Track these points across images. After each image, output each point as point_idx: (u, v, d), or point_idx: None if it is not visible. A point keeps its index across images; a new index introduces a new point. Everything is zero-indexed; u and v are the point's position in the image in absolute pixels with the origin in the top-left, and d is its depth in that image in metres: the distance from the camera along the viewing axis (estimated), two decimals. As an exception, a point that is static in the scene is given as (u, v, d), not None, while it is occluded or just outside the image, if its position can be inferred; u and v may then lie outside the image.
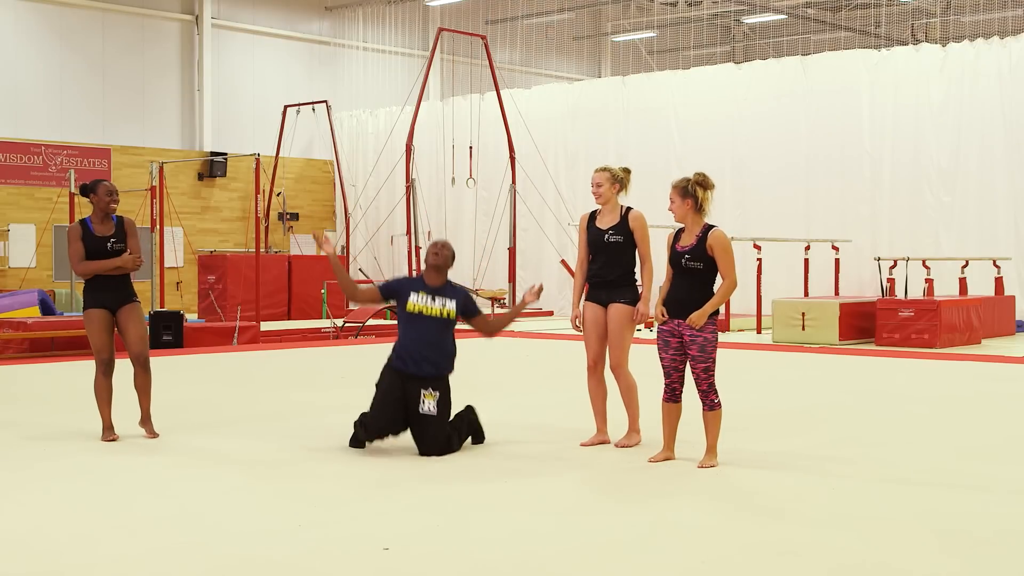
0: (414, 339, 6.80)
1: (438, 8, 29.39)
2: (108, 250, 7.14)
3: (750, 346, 14.81)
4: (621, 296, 6.90)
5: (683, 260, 6.33)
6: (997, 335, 16.53)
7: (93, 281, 7.21)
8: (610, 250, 6.89)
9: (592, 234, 6.96)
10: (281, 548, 4.63)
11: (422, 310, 6.83)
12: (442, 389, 6.79)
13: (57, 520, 5.13)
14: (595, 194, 6.96)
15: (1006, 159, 18.74)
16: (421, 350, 6.77)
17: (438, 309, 6.84)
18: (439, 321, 6.84)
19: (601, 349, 7.01)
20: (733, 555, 4.54)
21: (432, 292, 6.88)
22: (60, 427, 7.81)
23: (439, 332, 6.85)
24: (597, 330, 6.97)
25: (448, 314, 6.84)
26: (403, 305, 6.87)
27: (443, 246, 6.99)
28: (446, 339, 6.88)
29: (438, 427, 6.72)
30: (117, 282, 7.22)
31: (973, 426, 8.01)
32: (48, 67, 23.29)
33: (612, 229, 6.90)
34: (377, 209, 24.35)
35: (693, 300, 6.29)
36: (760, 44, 32.45)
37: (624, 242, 6.88)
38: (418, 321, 6.82)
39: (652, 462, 6.43)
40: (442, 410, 6.75)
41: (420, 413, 6.71)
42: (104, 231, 7.19)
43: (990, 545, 4.70)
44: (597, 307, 6.96)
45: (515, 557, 4.52)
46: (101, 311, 7.18)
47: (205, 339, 15.51)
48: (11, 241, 22.46)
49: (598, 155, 22.90)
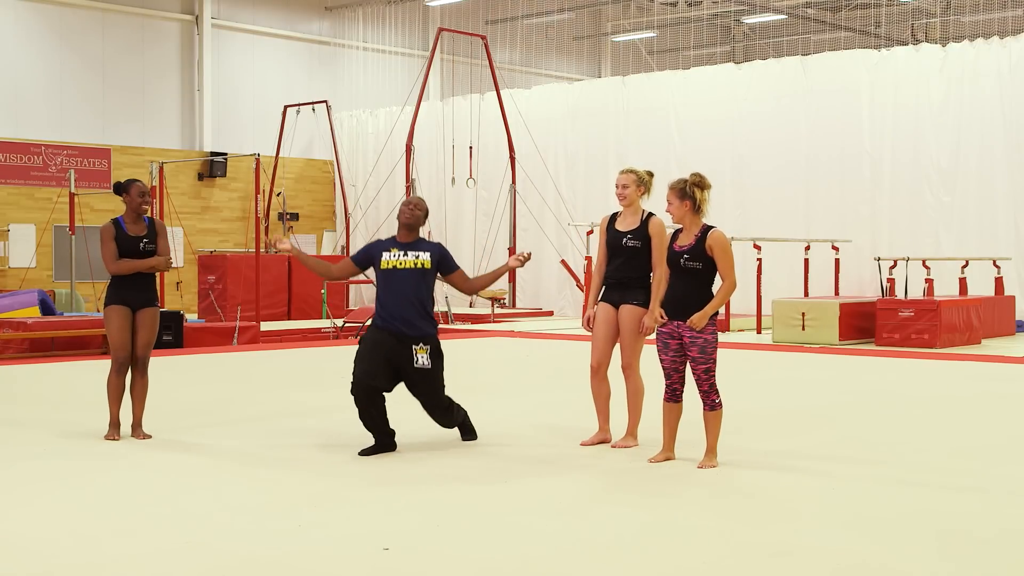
0: (392, 297, 6.78)
1: (438, 8, 29.38)
2: (140, 250, 7.27)
3: (750, 346, 14.81)
4: (634, 297, 6.85)
5: (682, 260, 6.30)
6: (997, 335, 16.53)
7: (119, 278, 7.28)
8: (627, 254, 6.85)
9: (611, 236, 6.93)
10: (281, 548, 4.63)
11: (395, 265, 6.81)
12: (432, 343, 6.79)
13: (57, 520, 5.13)
14: (620, 195, 6.90)
15: (1006, 159, 18.73)
16: (401, 307, 6.74)
17: (411, 261, 6.81)
18: (414, 273, 6.79)
19: (608, 350, 6.99)
20: (733, 555, 4.54)
21: (404, 248, 6.87)
22: (60, 427, 7.81)
23: (415, 285, 6.79)
24: (607, 330, 6.94)
25: (423, 264, 6.81)
26: (378, 266, 6.89)
27: (415, 205, 6.96)
28: (423, 294, 6.81)
29: (434, 379, 6.79)
30: (143, 283, 7.33)
31: (973, 426, 8.01)
32: (48, 67, 23.29)
33: (631, 233, 6.86)
34: (377, 209, 24.34)
35: (692, 300, 6.27)
36: (760, 44, 32.44)
37: (642, 247, 6.83)
38: (393, 277, 6.80)
39: (652, 462, 6.43)
40: (435, 362, 6.78)
41: (415, 368, 6.72)
42: (137, 231, 7.32)
43: (990, 545, 4.70)
44: (609, 307, 6.94)
45: (515, 557, 4.52)
46: (122, 308, 7.25)
47: (205, 339, 15.51)
48: (11, 241, 22.45)
49: (598, 155, 22.94)
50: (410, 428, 7.42)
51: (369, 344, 6.78)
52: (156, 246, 7.30)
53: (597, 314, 6.97)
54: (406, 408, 7.32)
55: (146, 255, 7.25)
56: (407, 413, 7.36)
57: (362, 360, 6.74)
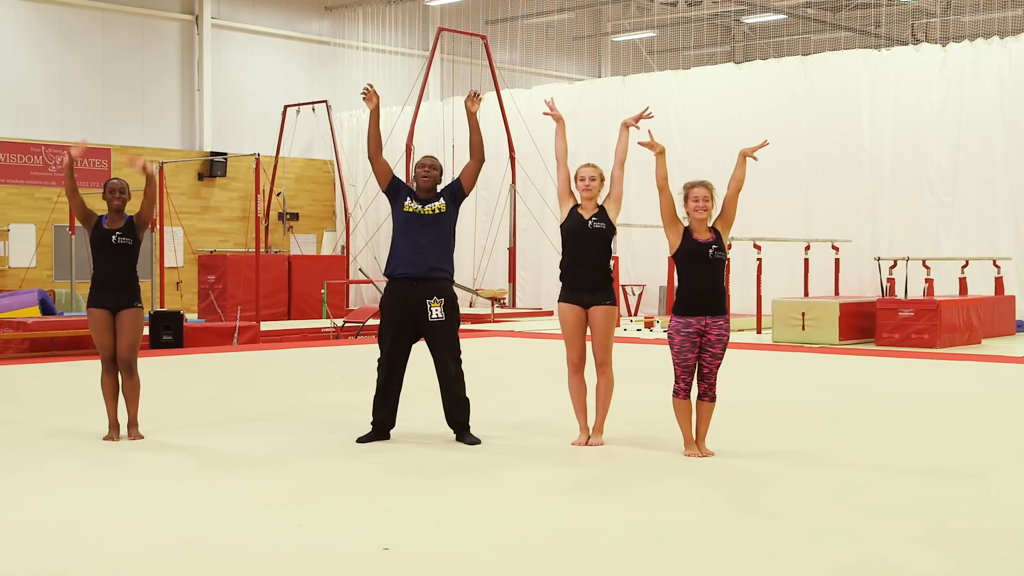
0: (409, 240, 7.05)
1: (438, 8, 29.39)
2: (112, 243, 7.30)
3: (750, 346, 14.80)
4: (605, 298, 6.96)
5: (710, 251, 6.47)
6: (997, 335, 16.52)
7: (96, 281, 7.35)
8: (594, 236, 6.94)
9: (574, 220, 7.00)
10: (281, 548, 4.63)
11: (416, 210, 7.08)
12: (447, 296, 7.06)
13: (57, 520, 5.13)
14: (586, 188, 7.00)
15: (1006, 159, 18.74)
16: (417, 251, 7.02)
17: (429, 209, 7.10)
18: (432, 218, 7.08)
19: (584, 347, 7.05)
20: (732, 554, 4.54)
21: (423, 202, 7.13)
22: (60, 427, 7.81)
23: (434, 230, 7.07)
24: (581, 330, 7.01)
25: (439, 209, 7.10)
26: (400, 205, 7.12)
27: (431, 167, 7.18)
28: (441, 238, 7.11)
29: (449, 332, 7.03)
30: (120, 283, 7.32)
31: (973, 426, 8.01)
32: (48, 67, 23.29)
33: (594, 216, 6.98)
34: (377, 209, 24.33)
35: (718, 294, 6.53)
36: (760, 44, 32.46)
37: (606, 228, 6.97)
38: (412, 222, 7.06)
39: (689, 456, 6.56)
40: (449, 315, 7.04)
41: (429, 321, 6.99)
42: (112, 225, 7.37)
43: (990, 543, 4.70)
44: (578, 309, 6.97)
45: (515, 557, 4.52)
46: (101, 312, 7.29)
47: (205, 339, 15.51)
48: (11, 241, 22.46)
49: (598, 155, 22.63)
50: (410, 427, 7.44)
51: (388, 309, 7.08)
52: (131, 239, 7.31)
53: (565, 315, 7.00)
54: (406, 408, 7.38)
55: (118, 248, 7.28)
56: (406, 413, 7.43)
57: (386, 324, 7.08)
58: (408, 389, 7.33)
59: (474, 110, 7.25)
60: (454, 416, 7.15)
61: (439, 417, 7.33)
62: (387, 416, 7.15)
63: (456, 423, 7.16)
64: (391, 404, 7.14)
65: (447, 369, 7.09)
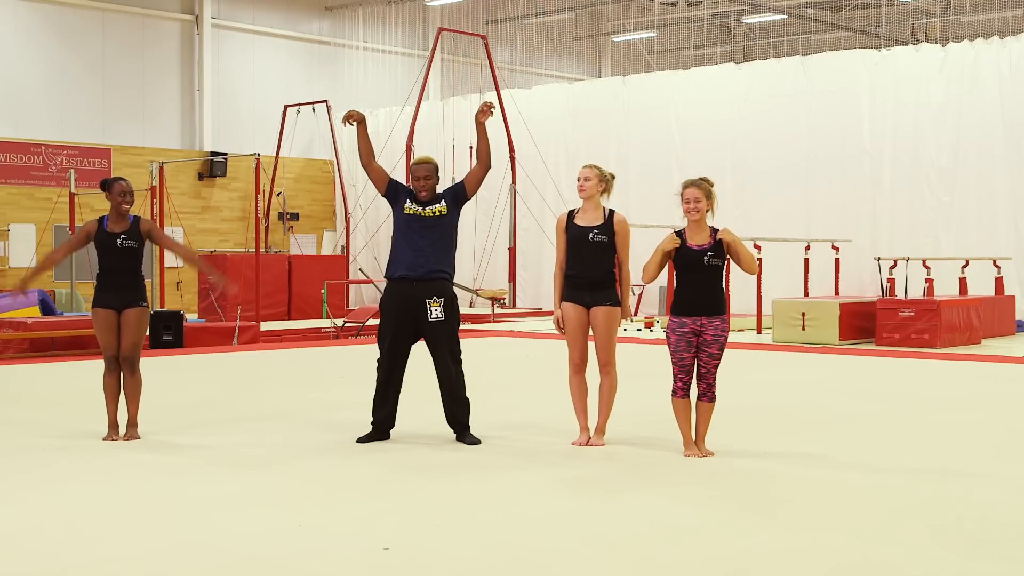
0: (409, 243, 7.06)
1: (438, 8, 29.38)
2: (117, 247, 7.27)
3: (750, 346, 14.80)
4: (606, 299, 6.90)
5: (705, 257, 6.46)
6: (997, 335, 16.52)
7: (101, 282, 7.33)
8: (594, 248, 6.87)
9: (573, 232, 6.93)
10: (281, 548, 4.63)
11: (416, 212, 7.08)
12: (446, 297, 7.07)
13: (57, 520, 5.13)
14: (581, 187, 6.94)
15: (1006, 159, 18.74)
16: (417, 254, 7.03)
17: (430, 211, 7.11)
18: (432, 220, 7.09)
19: (587, 347, 7.03)
20: (732, 554, 4.54)
21: (424, 204, 7.13)
22: (60, 427, 7.81)
23: (434, 232, 7.09)
24: (582, 330, 6.97)
25: (440, 212, 7.11)
26: (400, 207, 7.12)
27: (426, 177, 7.12)
28: (442, 240, 7.12)
29: (449, 332, 7.04)
30: (125, 283, 7.31)
31: (973, 426, 8.01)
32: (48, 67, 23.29)
33: (597, 228, 6.88)
34: (377, 209, 24.32)
35: (716, 297, 6.52)
36: (760, 44, 32.46)
37: (607, 242, 6.88)
38: (412, 224, 7.07)
39: (689, 456, 6.57)
40: (449, 315, 7.05)
41: (429, 321, 7.00)
42: (116, 228, 7.32)
43: (989, 544, 4.70)
44: (580, 308, 6.93)
45: (515, 557, 4.52)
46: (106, 311, 7.28)
47: (205, 339, 15.51)
48: (11, 241, 22.46)
49: (599, 155, 22.86)
50: (410, 427, 7.43)
51: (388, 308, 7.09)
52: (136, 243, 7.28)
53: (567, 314, 6.96)
54: (406, 408, 7.38)
55: (124, 251, 7.25)
56: (406, 413, 7.43)
57: (385, 324, 7.09)
58: (408, 389, 7.34)
59: (483, 121, 7.14)
60: (454, 416, 7.15)
61: (439, 417, 7.33)
62: (387, 416, 7.16)
63: (456, 423, 7.16)
64: (391, 404, 7.15)
65: (447, 369, 7.09)
